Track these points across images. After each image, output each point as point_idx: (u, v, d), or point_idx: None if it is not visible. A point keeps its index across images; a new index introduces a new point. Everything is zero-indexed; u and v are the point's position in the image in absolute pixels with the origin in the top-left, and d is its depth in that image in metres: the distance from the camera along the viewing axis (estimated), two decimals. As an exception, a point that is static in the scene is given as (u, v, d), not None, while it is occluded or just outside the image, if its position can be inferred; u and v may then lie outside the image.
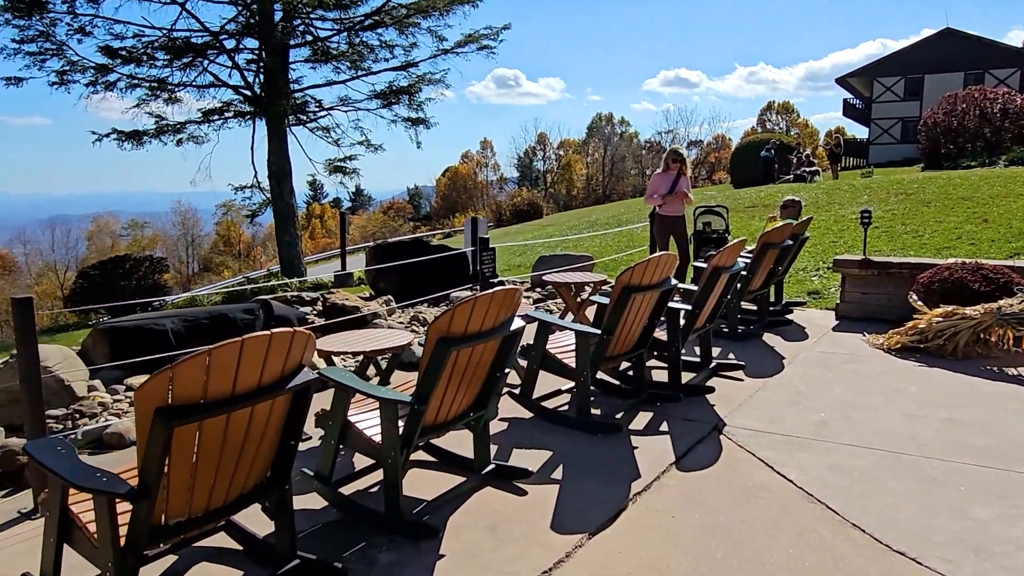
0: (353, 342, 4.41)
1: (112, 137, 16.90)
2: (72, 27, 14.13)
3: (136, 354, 5.73)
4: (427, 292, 9.41)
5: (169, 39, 15.48)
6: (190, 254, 64.00)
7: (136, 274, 10.74)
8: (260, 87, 16.53)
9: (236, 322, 6.36)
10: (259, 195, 19.99)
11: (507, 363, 3.57)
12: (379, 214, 71.46)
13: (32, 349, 3.34)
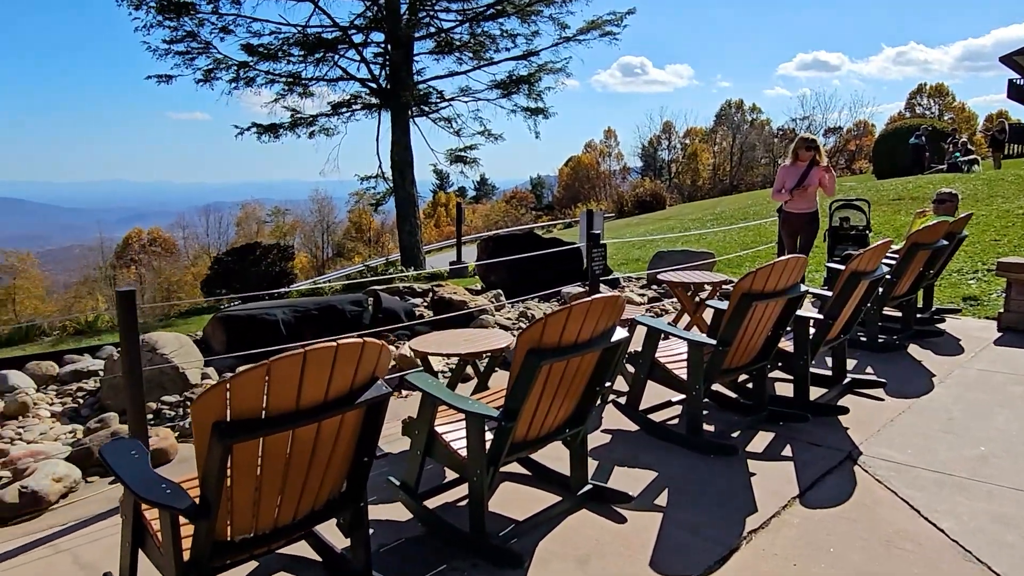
0: (450, 343, 4.23)
1: (252, 131, 17.91)
2: (216, 27, 15.12)
3: (249, 342, 5.88)
4: (538, 286, 9.17)
5: (303, 35, 16.17)
6: (325, 240, 67.38)
7: (265, 261, 11.25)
8: (385, 79, 16.95)
9: (344, 314, 6.40)
10: (383, 184, 20.58)
11: (608, 377, 3.25)
12: (502, 203, 72.21)
13: (134, 343, 3.39)
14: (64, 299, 42.81)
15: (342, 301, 6.48)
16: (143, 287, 50.19)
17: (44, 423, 4.44)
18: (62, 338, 8.02)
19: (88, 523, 3.27)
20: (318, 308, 6.24)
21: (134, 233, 64.61)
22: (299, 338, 6.10)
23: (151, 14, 14.63)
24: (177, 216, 66.78)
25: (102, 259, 55.53)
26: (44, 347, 7.42)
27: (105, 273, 51.78)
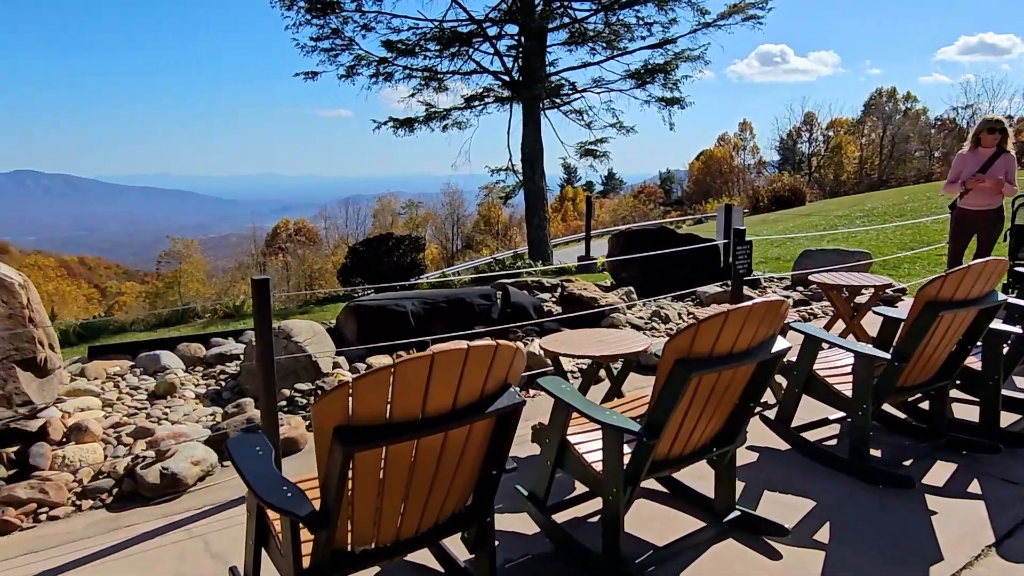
0: (582, 343, 3.96)
1: (388, 125, 18.51)
2: (358, 24, 15.70)
3: (380, 333, 5.91)
4: (671, 284, 8.70)
5: (439, 30, 16.44)
6: (455, 232, 69.05)
7: (397, 252, 11.48)
8: (518, 72, 16.92)
9: (473, 307, 6.30)
10: (513, 178, 20.63)
11: (764, 391, 2.86)
12: (629, 198, 71.01)
13: (267, 331, 3.38)
14: (221, 283, 46.59)
15: (470, 294, 6.38)
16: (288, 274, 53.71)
17: (188, 404, 4.62)
18: (212, 320, 8.51)
19: (221, 509, 3.30)
20: (447, 301, 6.17)
21: (282, 223, 69.29)
22: (427, 330, 6.06)
23: (300, 13, 15.39)
24: (320, 207, 70.72)
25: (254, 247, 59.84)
26: (196, 328, 7.91)
27: (256, 260, 55.79)
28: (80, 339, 7.66)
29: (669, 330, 6.59)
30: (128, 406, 4.55)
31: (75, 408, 4.29)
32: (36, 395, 4.02)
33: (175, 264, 47.24)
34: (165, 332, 7.73)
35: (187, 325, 8.21)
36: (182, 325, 8.19)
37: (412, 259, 11.67)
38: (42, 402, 4.05)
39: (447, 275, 12.27)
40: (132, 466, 3.54)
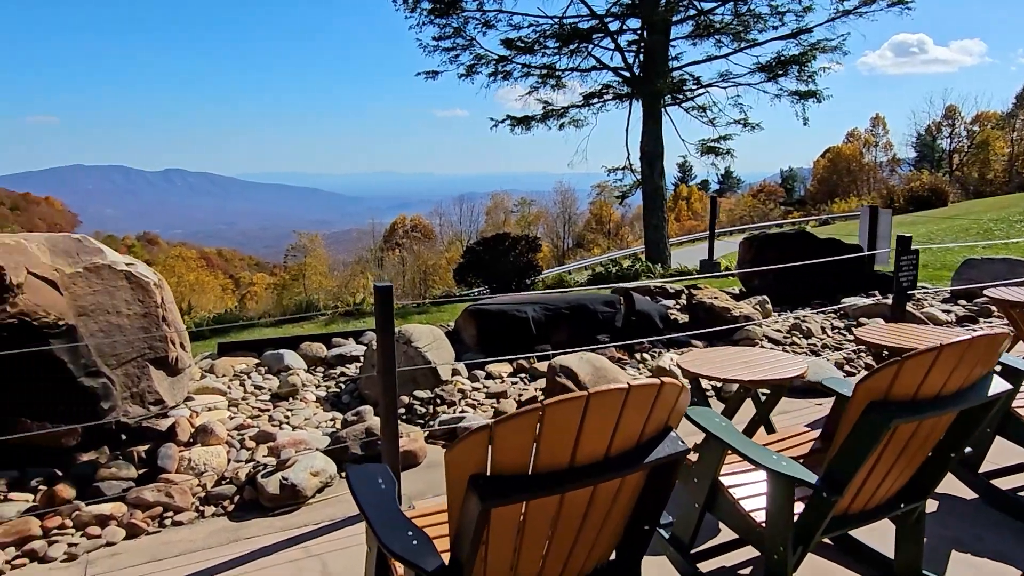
0: (726, 364, 3.54)
1: (506, 123, 18.44)
2: (479, 22, 15.70)
3: (499, 338, 5.69)
4: (809, 292, 7.98)
5: (560, 26, 16.17)
6: (566, 231, 68.90)
7: (513, 251, 11.31)
8: (639, 67, 16.36)
9: (596, 315, 5.96)
10: (630, 176, 20.05)
11: (969, 439, 2.36)
12: (748, 197, 68.17)
13: (389, 342, 3.20)
14: (342, 276, 48.60)
15: (593, 301, 6.04)
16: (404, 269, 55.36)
17: (309, 407, 4.57)
18: (333, 318, 8.64)
19: (339, 526, 3.16)
20: (569, 307, 5.87)
21: (399, 220, 71.61)
22: (548, 337, 5.79)
23: (423, 15, 15.59)
24: (435, 204, 72.47)
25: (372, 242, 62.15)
26: (318, 326, 8.03)
27: (375, 255, 57.89)
28: (213, 332, 7.97)
29: (812, 346, 5.97)
30: (252, 407, 4.56)
31: (203, 407, 4.33)
32: (167, 393, 4.07)
33: (301, 257, 49.80)
34: (290, 328, 7.91)
35: (310, 322, 8.37)
36: (305, 321, 8.36)
37: (528, 259, 11.45)
38: (172, 401, 4.09)
39: (563, 277, 11.97)
40: (253, 474, 3.47)
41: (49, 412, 3.52)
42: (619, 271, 12.56)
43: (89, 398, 3.63)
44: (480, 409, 4.54)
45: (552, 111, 18.43)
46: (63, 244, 3.84)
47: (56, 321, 3.49)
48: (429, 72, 16.49)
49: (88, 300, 3.76)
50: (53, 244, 3.81)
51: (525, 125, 18.50)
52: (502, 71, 17.07)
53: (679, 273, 12.63)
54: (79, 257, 3.84)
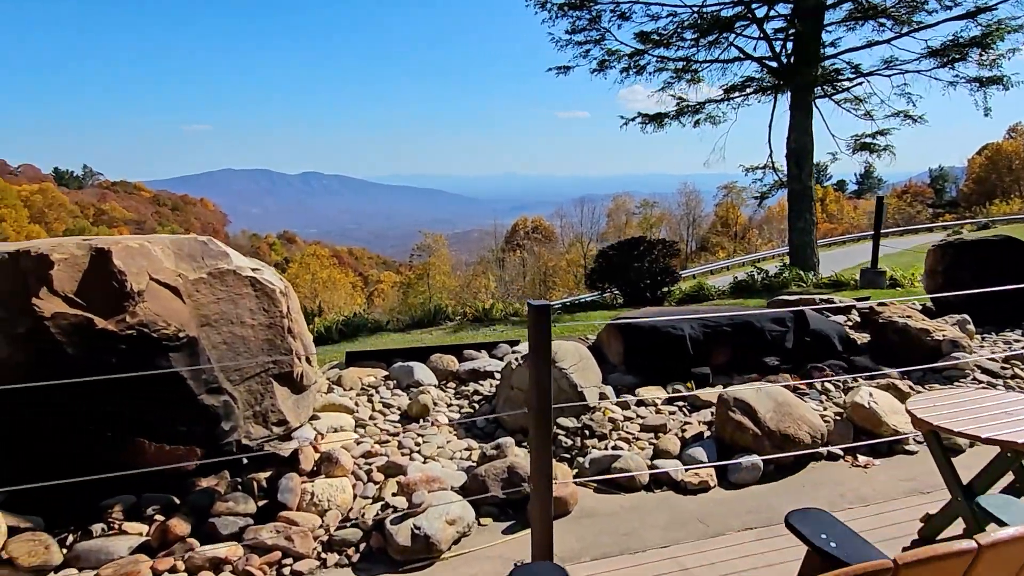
0: (979, 413, 2.67)
1: (637, 121, 17.53)
2: (615, 13, 14.93)
3: (649, 357, 4.99)
4: (1015, 311, 6.67)
5: (699, 16, 15.11)
6: (690, 233, 66.72)
7: (649, 256, 10.50)
8: (787, 56, 14.98)
9: (763, 334, 5.12)
10: (771, 176, 18.57)
11: None
12: (892, 198, 63.16)
13: (544, 373, 2.61)
14: (464, 276, 49.41)
15: (760, 318, 5.20)
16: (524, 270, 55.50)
17: (441, 433, 4.08)
18: (461, 324, 8.24)
19: (480, 595, 2.60)
20: (732, 325, 5.07)
21: (520, 221, 71.95)
22: (706, 358, 5.02)
23: (554, 11, 15.03)
24: (557, 206, 72.23)
25: (494, 243, 62.72)
26: (446, 333, 7.63)
27: (496, 255, 58.36)
28: (341, 335, 7.78)
29: (1042, 381, 4.82)
30: (380, 429, 4.13)
31: (328, 428, 3.93)
32: (291, 413, 3.70)
33: (425, 257, 50.98)
34: (418, 336, 7.57)
35: (438, 328, 8.00)
36: (434, 327, 8.00)
37: (664, 264, 10.60)
38: (296, 421, 3.72)
39: (702, 284, 10.99)
40: (381, 517, 2.99)
41: (168, 432, 3.20)
42: (765, 279, 11.42)
43: (210, 417, 3.30)
44: (636, 445, 3.86)
45: (687, 107, 17.33)
46: (188, 247, 3.55)
47: (177, 333, 3.17)
48: (561, 67, 15.90)
49: (211, 309, 3.44)
50: (178, 247, 3.52)
51: (658, 122, 17.52)
52: (636, 66, 16.21)
53: (834, 283, 11.30)
54: (204, 261, 3.54)
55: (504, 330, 7.64)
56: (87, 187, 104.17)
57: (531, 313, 2.63)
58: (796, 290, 10.88)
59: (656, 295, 10.47)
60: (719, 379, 4.98)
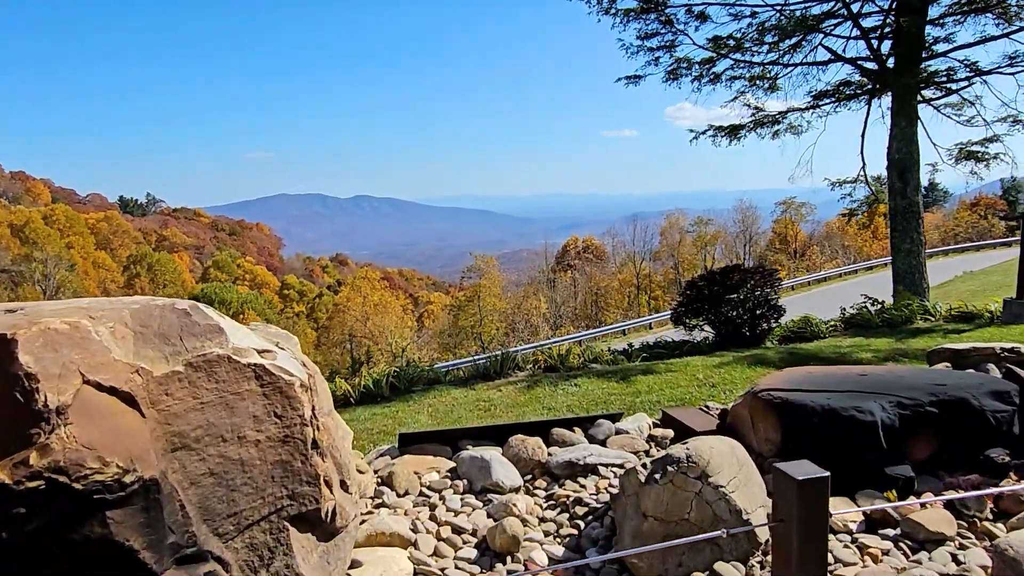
0: None
1: (709, 133, 16.05)
2: (691, 14, 13.47)
3: (820, 450, 3.53)
4: None
5: (781, 14, 13.58)
6: (746, 251, 64.38)
7: (745, 287, 8.98)
8: (888, 55, 13.30)
9: (982, 416, 3.60)
10: (862, 190, 16.80)
11: None
12: (963, 211, 59.74)
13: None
14: (515, 297, 48.25)
15: (977, 389, 3.69)
16: (576, 290, 53.99)
17: None
18: (535, 375, 6.87)
19: None
20: (939, 404, 3.57)
21: (571, 240, 70.67)
22: (902, 452, 3.53)
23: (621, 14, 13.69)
24: (609, 226, 70.83)
25: (545, 263, 61.54)
26: (518, 389, 6.25)
27: (547, 276, 57.13)
28: (393, 391, 6.51)
29: None
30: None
31: (374, 586, 2.60)
32: (316, 571, 2.39)
33: (475, 278, 50.18)
34: (483, 391, 6.25)
35: (506, 380, 6.67)
36: (502, 380, 6.67)
37: (765, 296, 9.06)
38: (325, 588, 2.40)
39: (808, 320, 9.36)
40: None
41: (108, 641, 1.92)
42: (882, 312, 9.71)
43: (182, 602, 2.01)
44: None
45: (766, 118, 15.75)
46: (159, 322, 2.29)
47: (119, 476, 1.89)
48: (631, 77, 14.47)
49: (191, 421, 2.16)
50: (143, 322, 2.26)
51: (732, 135, 15.97)
52: (709, 73, 14.75)
53: (964, 316, 9.54)
54: (181, 344, 2.27)
55: (588, 385, 6.24)
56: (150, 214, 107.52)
57: (799, 490, 1.26)
58: (924, 325, 9.17)
59: (756, 333, 8.92)
60: (924, 482, 3.49)
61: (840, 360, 7.06)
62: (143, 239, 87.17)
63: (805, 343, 8.72)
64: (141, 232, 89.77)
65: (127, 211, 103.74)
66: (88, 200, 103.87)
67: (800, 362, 7.01)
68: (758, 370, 6.60)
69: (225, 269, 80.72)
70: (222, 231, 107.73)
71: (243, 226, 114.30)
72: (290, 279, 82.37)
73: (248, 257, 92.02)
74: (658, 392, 5.84)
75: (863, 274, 36.10)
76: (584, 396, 5.88)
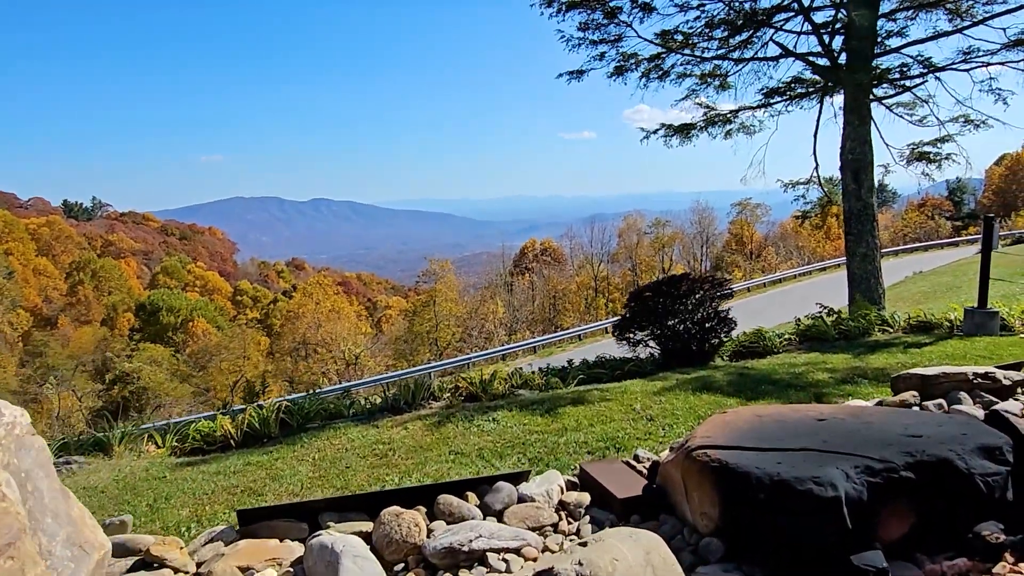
0: None
1: (660, 134, 15.39)
2: (636, 4, 12.70)
3: (769, 531, 2.72)
4: None
5: (730, 8, 12.97)
6: (703, 252, 64.70)
7: (693, 297, 8.25)
8: (840, 51, 12.79)
9: (970, 480, 2.84)
10: (815, 191, 16.35)
11: None
12: (911, 211, 61.28)
13: None
14: (472, 301, 47.34)
15: (961, 445, 2.92)
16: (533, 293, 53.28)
17: None
18: (452, 405, 5.96)
19: None
20: (916, 467, 2.79)
21: (528, 244, 70.09)
22: (872, 528, 2.74)
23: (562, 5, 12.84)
24: (566, 228, 70.47)
25: (502, 266, 60.81)
26: (426, 425, 5.31)
27: (504, 279, 56.38)
28: (284, 428, 5.55)
29: None
30: None
31: None
32: None
33: (431, 282, 49.26)
34: (387, 429, 5.31)
35: (417, 414, 5.75)
36: (414, 414, 5.75)
37: (715, 310, 8.33)
38: None
39: (762, 332, 8.65)
40: None
41: None
42: (839, 323, 9.07)
43: None
44: None
45: (717, 116, 15.18)
46: None
47: None
48: (573, 72, 13.67)
49: None
50: None
51: (684, 134, 15.36)
52: (657, 69, 14.08)
53: (922, 326, 8.96)
54: None
55: (508, 419, 5.36)
56: (96, 219, 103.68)
57: None
58: (883, 338, 8.55)
59: (704, 348, 8.18)
60: (899, 570, 2.70)
61: (793, 383, 6.34)
62: (88, 245, 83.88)
63: (757, 359, 8.02)
64: (86, 237, 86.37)
65: (71, 215, 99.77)
66: (30, 204, 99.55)
67: (750, 386, 6.26)
68: (703, 397, 5.82)
69: (175, 275, 78.08)
70: (172, 235, 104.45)
71: (195, 230, 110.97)
72: (243, 285, 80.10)
73: (199, 262, 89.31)
74: (586, 429, 5.01)
75: (817, 275, 36.13)
76: (501, 435, 5.01)
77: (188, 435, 5.40)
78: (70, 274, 71.67)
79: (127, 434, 5.46)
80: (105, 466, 4.88)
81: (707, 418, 3.62)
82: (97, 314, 67.44)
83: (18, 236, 72.22)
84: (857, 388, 6.02)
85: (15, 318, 61.19)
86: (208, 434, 5.34)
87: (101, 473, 4.67)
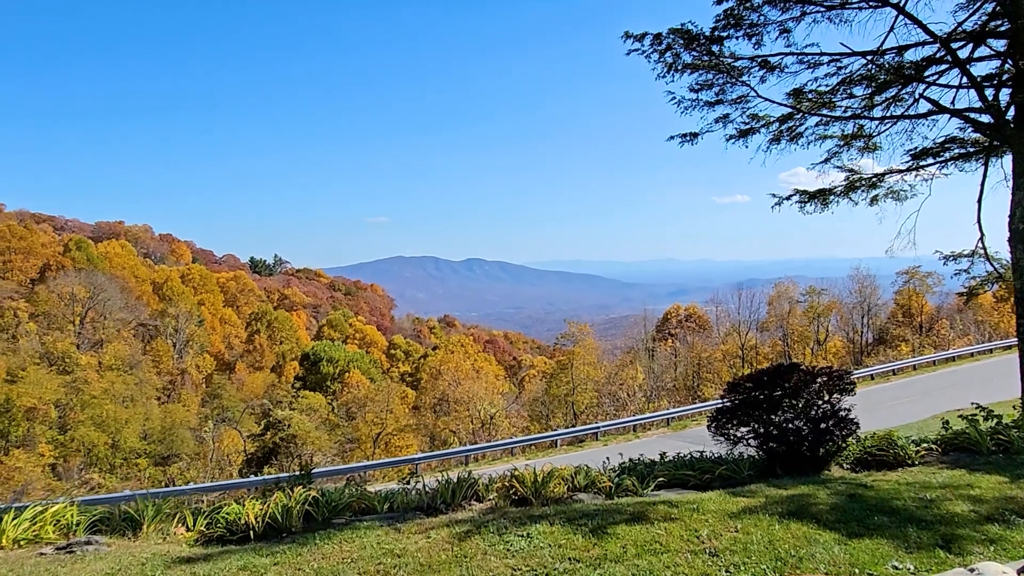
0: None
1: (794, 199, 14.02)
2: (754, 62, 11.75)
3: None
4: None
5: (873, 64, 11.70)
6: (864, 323, 59.12)
7: (806, 392, 7.07)
8: (1005, 107, 11.06)
9: None
10: (982, 265, 14.12)
11: None
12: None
13: None
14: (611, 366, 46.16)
15: None
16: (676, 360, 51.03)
17: None
18: (496, 508, 5.32)
19: None
20: None
21: (672, 309, 67.95)
22: None
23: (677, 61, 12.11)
24: (712, 293, 67.86)
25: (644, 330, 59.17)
26: (453, 534, 4.72)
27: (646, 344, 54.76)
28: (307, 521, 5.18)
29: None
30: None
31: None
32: None
33: (570, 344, 48.81)
34: (409, 535, 4.77)
35: (456, 516, 5.18)
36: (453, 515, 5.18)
37: (831, 407, 7.09)
38: None
39: (892, 438, 7.22)
40: None
41: None
42: (997, 429, 7.41)
43: None
44: None
45: (860, 181, 13.62)
46: None
47: None
48: (686, 135, 12.80)
49: None
50: None
51: (821, 200, 13.87)
52: (789, 131, 12.93)
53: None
54: None
55: (543, 539, 4.63)
56: (276, 274, 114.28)
57: None
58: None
59: (818, 453, 6.94)
60: None
61: (918, 515, 5.05)
62: (266, 297, 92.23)
63: (885, 471, 6.65)
64: (265, 291, 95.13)
65: (256, 271, 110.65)
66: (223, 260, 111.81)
67: (859, 516, 5.08)
68: (791, 528, 4.75)
69: (338, 327, 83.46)
70: (339, 291, 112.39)
71: (359, 286, 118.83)
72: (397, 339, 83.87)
73: (360, 316, 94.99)
74: (629, 561, 4.18)
75: (999, 353, 31.39)
76: (525, 560, 4.29)
77: (215, 520, 5.18)
78: (249, 323, 78.79)
79: (160, 512, 5.34)
80: (117, 553, 4.72)
81: (788, 561, 2.76)
82: (269, 361, 73.40)
83: (210, 288, 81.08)
84: (1007, 532, 4.66)
85: (202, 362, 68.25)
86: (233, 520, 5.09)
87: (103, 562, 4.50)
